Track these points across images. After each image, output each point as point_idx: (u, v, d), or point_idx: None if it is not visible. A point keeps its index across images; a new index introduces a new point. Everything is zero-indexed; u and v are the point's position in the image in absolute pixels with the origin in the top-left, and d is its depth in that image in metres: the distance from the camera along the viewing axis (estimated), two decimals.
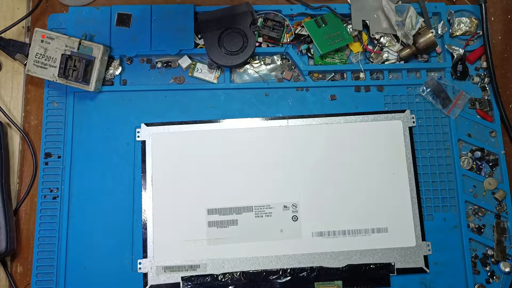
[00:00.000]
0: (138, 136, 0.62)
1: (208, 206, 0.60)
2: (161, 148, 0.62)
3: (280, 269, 0.59)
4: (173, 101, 0.64)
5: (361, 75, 0.65)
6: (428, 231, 0.61)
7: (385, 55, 0.65)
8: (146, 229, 0.60)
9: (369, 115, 0.63)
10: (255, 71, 0.65)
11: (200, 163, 0.61)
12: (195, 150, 0.62)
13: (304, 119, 0.63)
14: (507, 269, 0.60)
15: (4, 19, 0.66)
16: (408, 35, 0.63)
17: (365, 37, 0.66)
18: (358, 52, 0.66)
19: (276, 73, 0.66)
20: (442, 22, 0.66)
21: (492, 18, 0.69)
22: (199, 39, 0.64)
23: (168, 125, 0.62)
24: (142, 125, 0.62)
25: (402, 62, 0.65)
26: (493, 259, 0.61)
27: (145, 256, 0.59)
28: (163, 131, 0.62)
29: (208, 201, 0.61)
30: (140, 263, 0.59)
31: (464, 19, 0.66)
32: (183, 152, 0.62)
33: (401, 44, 0.65)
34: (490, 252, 0.61)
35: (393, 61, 0.65)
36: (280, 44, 0.65)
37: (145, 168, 0.61)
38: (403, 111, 0.64)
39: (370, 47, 0.66)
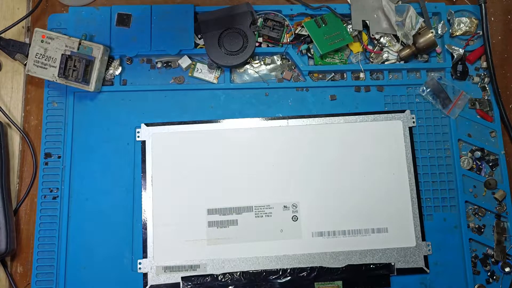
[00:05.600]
0: (138, 136, 0.62)
1: (208, 206, 0.60)
2: (161, 148, 0.62)
3: (280, 269, 0.59)
4: (173, 101, 0.64)
5: (361, 75, 0.65)
6: (428, 231, 0.61)
7: (385, 55, 0.65)
8: (146, 229, 0.60)
9: (369, 115, 0.63)
10: (255, 71, 0.65)
11: (200, 163, 0.61)
12: (195, 150, 0.62)
13: (304, 119, 0.63)
14: (507, 269, 0.60)
15: (4, 19, 0.66)
16: (408, 35, 0.63)
17: (365, 37, 0.66)
18: (358, 52, 0.66)
19: (276, 73, 0.66)
20: (442, 22, 0.66)
21: (492, 18, 0.69)
22: (199, 39, 0.64)
23: (168, 125, 0.62)
24: (142, 125, 0.62)
25: (402, 62, 0.65)
26: (493, 259, 0.61)
27: (145, 256, 0.59)
28: (163, 131, 0.62)
29: (208, 201, 0.61)
30: (140, 263, 0.59)
31: (464, 19, 0.66)
32: (183, 152, 0.62)
33: (401, 44, 0.65)
34: (490, 252, 0.61)
35: (393, 61, 0.65)
36: (280, 44, 0.65)
37: (145, 168, 0.61)
38: (403, 111, 0.64)
39: (370, 47, 0.66)
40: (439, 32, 0.66)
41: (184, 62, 0.64)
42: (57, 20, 0.65)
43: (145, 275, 0.59)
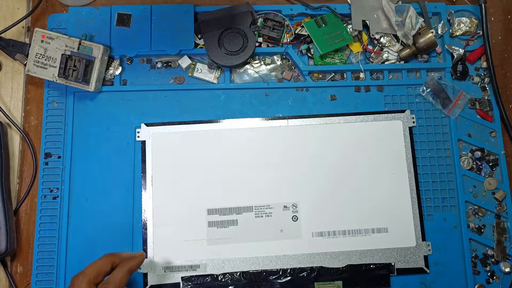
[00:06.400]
0: (138, 136, 0.62)
1: (208, 206, 0.60)
2: (161, 148, 0.62)
3: (280, 269, 0.59)
4: (173, 101, 0.64)
5: (361, 75, 0.65)
6: (428, 231, 0.61)
7: (385, 55, 0.65)
8: (146, 229, 0.60)
9: (369, 115, 0.63)
10: (255, 71, 0.65)
11: (200, 163, 0.61)
12: (195, 150, 0.62)
13: (304, 119, 0.63)
14: (507, 269, 0.60)
15: (4, 19, 0.66)
16: (408, 35, 0.63)
17: (365, 37, 0.66)
18: (358, 52, 0.66)
19: (276, 73, 0.66)
20: (442, 22, 0.66)
21: (492, 18, 0.69)
22: (199, 39, 0.64)
23: (168, 125, 0.62)
24: (142, 125, 0.62)
25: (402, 62, 0.65)
26: (493, 259, 0.61)
27: (145, 256, 0.59)
28: (163, 131, 0.62)
29: (208, 201, 0.60)
30: None
31: (464, 19, 0.66)
32: (183, 152, 0.62)
33: (401, 44, 0.65)
34: (490, 252, 0.61)
35: (393, 61, 0.65)
36: (280, 44, 0.65)
37: (145, 168, 0.61)
38: (403, 111, 0.64)
39: (370, 47, 0.66)
40: (439, 32, 0.66)
41: (184, 62, 0.64)
42: (57, 20, 0.65)
43: (145, 275, 0.59)
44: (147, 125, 0.62)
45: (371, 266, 0.59)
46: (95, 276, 0.49)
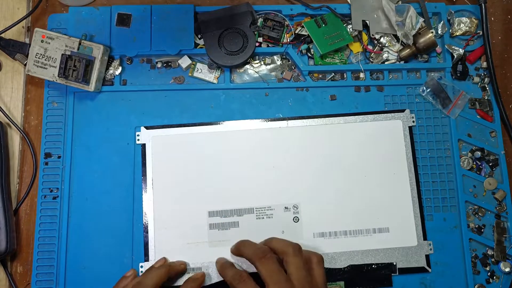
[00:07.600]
0: (138, 140, 0.62)
1: (209, 209, 0.60)
2: (161, 151, 0.61)
3: None
4: (173, 101, 0.63)
5: (361, 75, 0.65)
6: (428, 231, 0.61)
7: (385, 55, 0.65)
8: (147, 232, 0.60)
9: (369, 115, 0.63)
10: (255, 71, 0.65)
11: (200, 165, 0.61)
12: (196, 152, 0.62)
13: (304, 120, 0.63)
14: (507, 269, 0.60)
15: (4, 19, 0.66)
16: (408, 35, 0.63)
17: (365, 37, 0.66)
18: (358, 52, 0.66)
19: (276, 73, 0.66)
20: (442, 22, 0.66)
21: (492, 18, 0.69)
22: (199, 39, 0.64)
23: (168, 127, 0.62)
24: (142, 128, 0.62)
25: (402, 62, 0.65)
26: (493, 259, 0.61)
27: (146, 259, 0.59)
28: (163, 134, 0.62)
29: (209, 203, 0.60)
30: (141, 266, 0.59)
31: (464, 19, 0.66)
32: (183, 155, 0.61)
33: (401, 44, 0.65)
34: (490, 252, 0.61)
35: (393, 61, 0.65)
36: (280, 44, 0.65)
37: (145, 171, 0.61)
38: (403, 110, 0.64)
39: (370, 47, 0.66)
40: (439, 32, 0.66)
41: (184, 62, 0.64)
42: (57, 20, 0.64)
43: None
44: (147, 128, 0.62)
45: (373, 266, 0.60)
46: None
